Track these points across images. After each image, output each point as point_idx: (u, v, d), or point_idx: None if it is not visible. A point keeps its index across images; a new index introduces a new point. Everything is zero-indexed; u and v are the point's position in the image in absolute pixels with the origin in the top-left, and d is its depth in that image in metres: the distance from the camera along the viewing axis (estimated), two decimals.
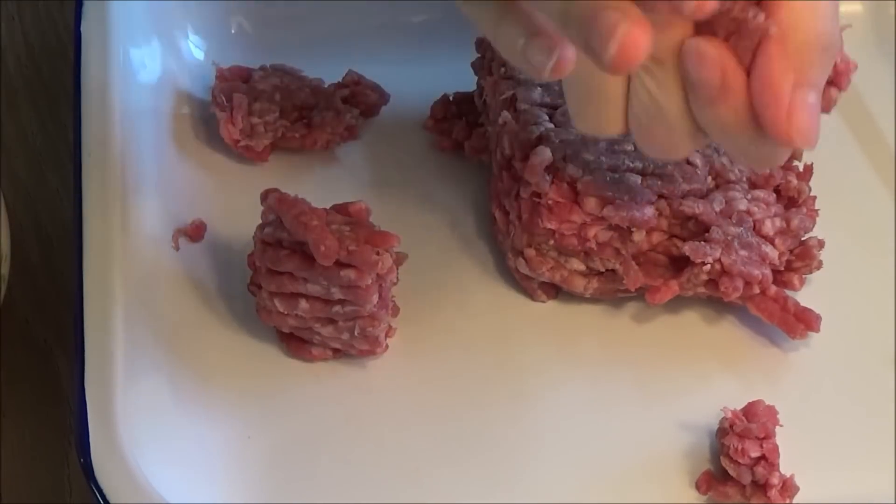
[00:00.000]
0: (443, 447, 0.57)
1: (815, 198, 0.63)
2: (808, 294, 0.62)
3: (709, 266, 0.59)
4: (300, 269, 0.56)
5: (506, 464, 0.57)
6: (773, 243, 0.60)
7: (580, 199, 0.59)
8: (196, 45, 0.70)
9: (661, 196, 0.60)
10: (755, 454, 0.55)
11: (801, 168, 0.64)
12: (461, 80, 0.67)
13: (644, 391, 0.60)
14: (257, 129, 0.65)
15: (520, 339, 0.61)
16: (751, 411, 0.57)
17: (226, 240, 0.63)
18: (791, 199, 0.62)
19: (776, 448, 0.56)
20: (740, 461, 0.56)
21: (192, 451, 0.55)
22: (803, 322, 0.60)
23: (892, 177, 0.68)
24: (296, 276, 0.57)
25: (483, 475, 0.57)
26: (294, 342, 0.59)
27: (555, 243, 0.60)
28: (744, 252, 0.60)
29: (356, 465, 0.57)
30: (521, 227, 0.60)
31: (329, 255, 0.55)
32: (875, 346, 0.62)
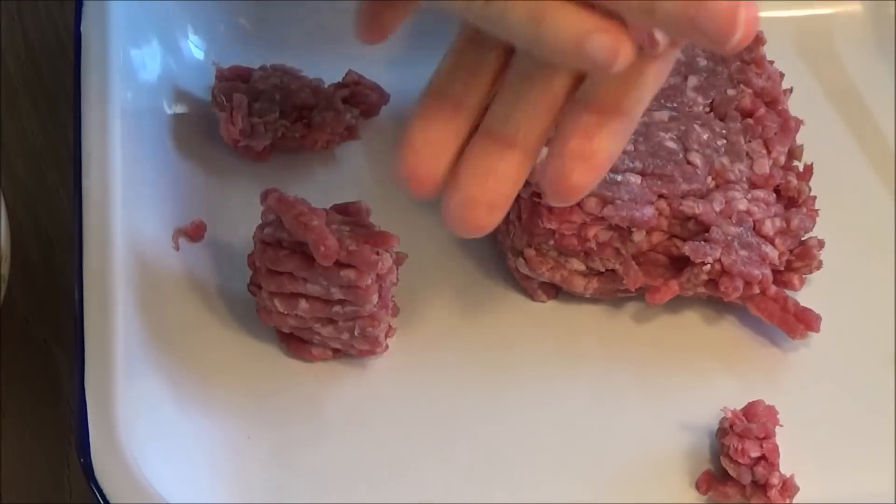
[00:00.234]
0: (443, 447, 0.57)
1: (815, 198, 0.63)
2: (808, 294, 0.62)
3: (709, 266, 0.59)
4: (300, 269, 0.56)
5: (505, 464, 0.57)
6: (773, 243, 0.60)
7: (580, 199, 0.59)
8: (196, 45, 0.70)
9: (661, 196, 0.60)
10: (755, 454, 0.55)
11: (801, 168, 0.64)
12: None
13: (644, 391, 0.60)
14: (257, 129, 0.65)
15: (520, 339, 0.61)
16: (751, 411, 0.57)
17: (226, 240, 0.63)
18: (791, 199, 0.62)
19: (776, 448, 0.56)
20: (740, 461, 0.56)
21: (192, 451, 0.55)
22: (803, 322, 0.60)
23: (892, 177, 0.68)
24: (296, 277, 0.57)
25: (483, 475, 0.57)
26: (294, 342, 0.59)
27: (555, 243, 0.60)
28: (744, 252, 0.60)
29: (356, 465, 0.56)
30: (521, 227, 0.60)
31: (329, 255, 0.55)
32: (875, 346, 0.62)
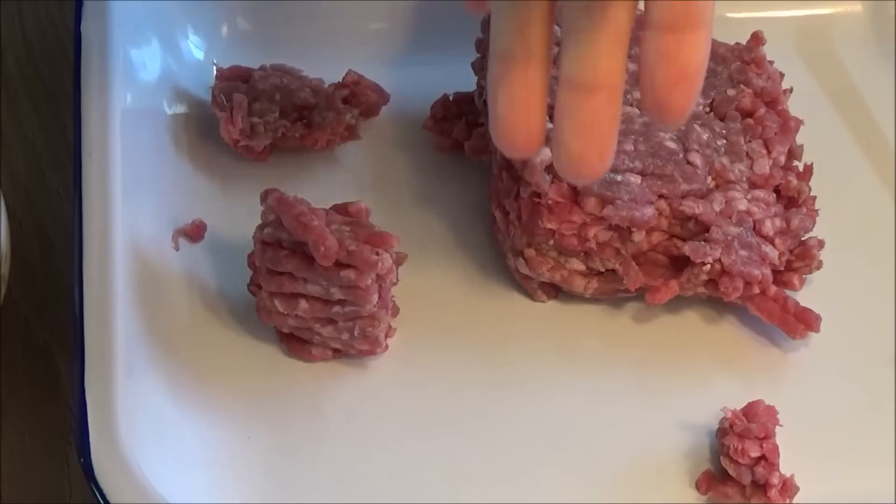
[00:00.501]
0: (442, 447, 0.57)
1: (815, 198, 0.63)
2: (808, 294, 0.62)
3: (709, 266, 0.59)
4: (300, 269, 0.56)
5: (505, 464, 0.57)
6: (773, 243, 0.60)
7: (580, 199, 0.59)
8: (196, 45, 0.70)
9: (661, 196, 0.60)
10: (755, 454, 0.55)
11: (801, 168, 0.64)
12: (461, 80, 0.67)
13: (644, 391, 0.60)
14: (257, 129, 0.65)
15: (520, 339, 0.61)
16: (751, 411, 0.57)
17: (226, 240, 0.63)
18: (791, 199, 0.62)
19: (776, 448, 0.56)
20: (740, 461, 0.56)
21: (192, 451, 0.55)
22: (803, 322, 0.60)
23: (892, 177, 0.68)
24: (296, 277, 0.57)
25: (483, 475, 0.57)
26: (294, 342, 0.59)
27: (555, 243, 0.60)
28: (744, 252, 0.60)
29: (356, 465, 0.56)
30: (521, 227, 0.60)
31: (329, 256, 0.55)
32: (875, 346, 0.62)
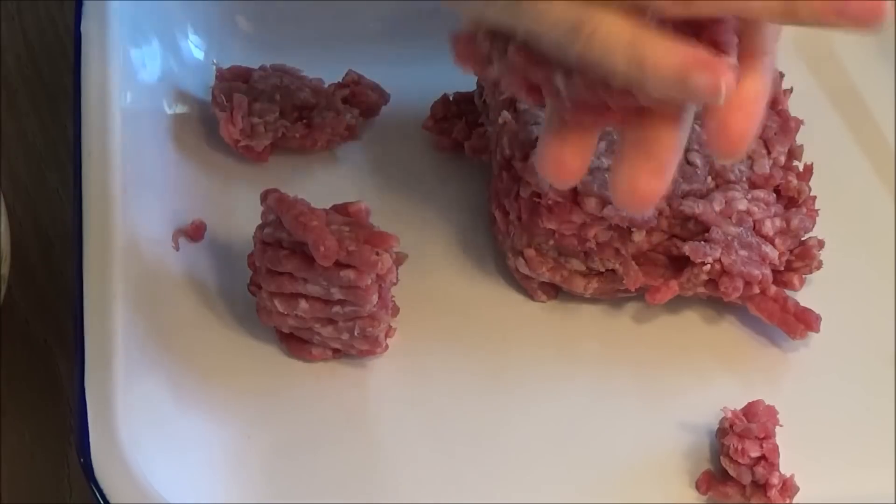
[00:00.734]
0: (442, 447, 0.57)
1: (815, 198, 0.63)
2: (808, 294, 0.62)
3: (709, 266, 0.59)
4: (300, 269, 0.56)
5: (505, 463, 0.57)
6: (773, 243, 0.60)
7: (580, 199, 0.59)
8: (196, 45, 0.70)
9: None
10: (755, 454, 0.55)
11: (801, 168, 0.64)
12: (461, 80, 0.67)
13: (644, 391, 0.60)
14: (257, 129, 0.65)
15: (520, 339, 0.61)
16: (751, 411, 0.57)
17: (226, 240, 0.63)
18: (791, 199, 0.62)
19: (776, 448, 0.56)
20: (740, 461, 0.56)
21: (192, 451, 0.55)
22: (803, 322, 0.60)
23: (892, 177, 0.68)
24: (295, 277, 0.57)
25: (483, 475, 0.57)
26: (294, 342, 0.59)
27: (555, 243, 0.60)
28: (744, 252, 0.60)
29: (356, 465, 0.56)
30: (521, 227, 0.60)
31: (329, 256, 0.55)
32: (875, 346, 0.62)
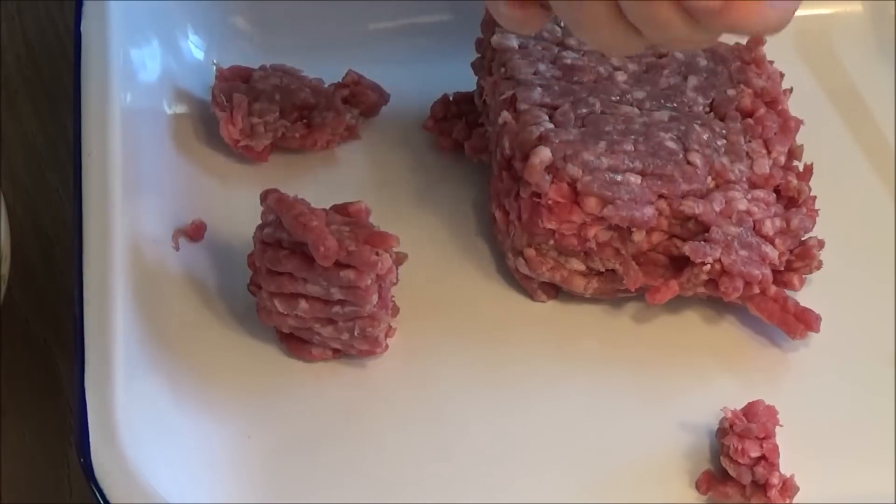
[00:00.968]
0: (442, 447, 0.57)
1: (815, 198, 0.63)
2: (808, 294, 0.62)
3: (709, 266, 0.59)
4: (300, 269, 0.56)
5: (505, 463, 0.57)
6: (773, 243, 0.60)
7: (580, 199, 0.59)
8: (196, 45, 0.70)
9: (661, 196, 0.60)
10: (755, 454, 0.55)
11: (801, 168, 0.64)
12: (461, 80, 0.67)
13: (644, 391, 0.60)
14: (257, 129, 0.65)
15: (520, 339, 0.61)
16: (751, 411, 0.57)
17: (226, 240, 0.63)
18: (791, 199, 0.62)
19: (776, 448, 0.56)
20: (740, 461, 0.56)
21: (192, 450, 0.55)
22: (803, 322, 0.60)
23: (892, 177, 0.68)
24: (295, 277, 0.57)
25: (482, 475, 0.57)
26: (294, 342, 0.59)
27: (555, 243, 0.60)
28: (744, 252, 0.60)
29: (356, 465, 0.56)
30: (521, 227, 0.60)
31: (328, 256, 0.55)
32: (875, 346, 0.62)
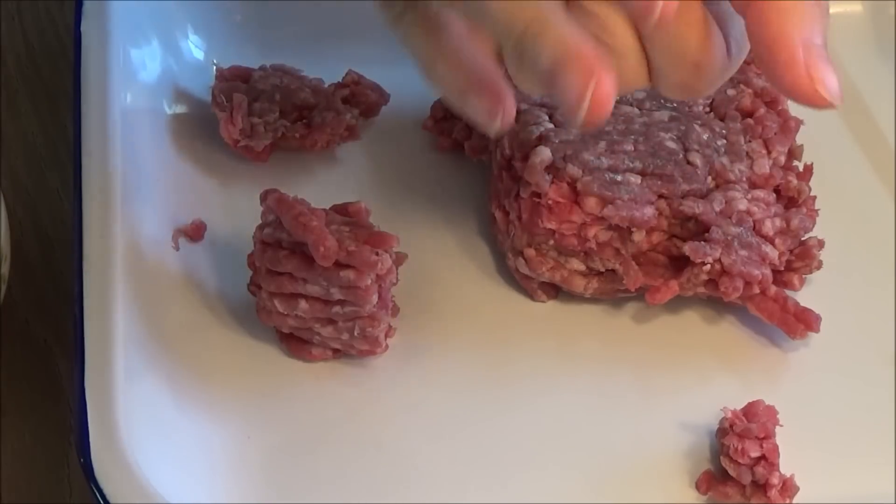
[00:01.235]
0: (442, 447, 0.57)
1: (815, 198, 0.63)
2: (808, 294, 0.62)
3: (709, 266, 0.59)
4: (300, 269, 0.56)
5: (505, 464, 0.57)
6: (773, 243, 0.60)
7: (580, 199, 0.59)
8: (196, 45, 0.70)
9: (661, 196, 0.60)
10: (755, 454, 0.55)
11: (801, 168, 0.64)
12: None
13: (644, 391, 0.60)
14: (257, 129, 0.65)
15: (520, 339, 0.61)
16: (751, 411, 0.57)
17: (226, 240, 0.63)
18: (791, 199, 0.62)
19: (776, 448, 0.56)
20: (740, 461, 0.56)
21: (192, 451, 0.55)
22: (803, 322, 0.60)
23: (892, 177, 0.68)
24: (295, 277, 0.57)
25: (483, 475, 0.57)
26: (294, 342, 0.59)
27: (555, 243, 0.60)
28: (744, 252, 0.60)
29: (356, 465, 0.56)
30: (521, 227, 0.60)
31: (328, 256, 0.55)
32: (875, 346, 0.62)
